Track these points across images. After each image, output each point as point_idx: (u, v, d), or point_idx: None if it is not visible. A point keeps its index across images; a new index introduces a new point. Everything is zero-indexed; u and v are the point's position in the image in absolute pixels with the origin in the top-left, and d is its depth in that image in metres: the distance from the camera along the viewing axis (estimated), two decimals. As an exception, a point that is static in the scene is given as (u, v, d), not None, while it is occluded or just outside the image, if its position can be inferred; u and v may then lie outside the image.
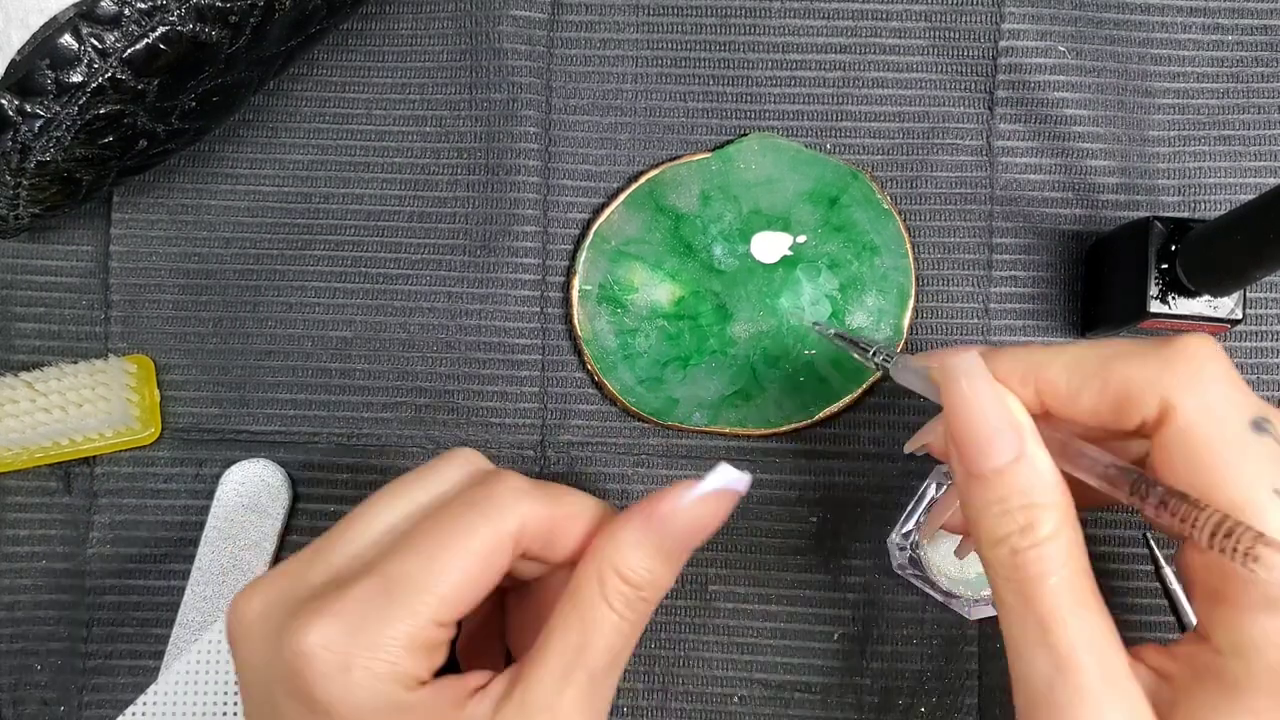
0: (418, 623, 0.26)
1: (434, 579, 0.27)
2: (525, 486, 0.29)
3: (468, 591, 0.27)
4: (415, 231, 0.41)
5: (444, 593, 0.27)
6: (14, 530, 0.41)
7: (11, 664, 0.40)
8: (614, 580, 0.28)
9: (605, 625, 0.28)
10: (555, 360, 0.41)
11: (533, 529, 0.29)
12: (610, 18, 0.41)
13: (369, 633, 0.26)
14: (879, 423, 0.40)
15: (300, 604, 0.27)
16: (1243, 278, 0.33)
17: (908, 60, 0.41)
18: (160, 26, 0.31)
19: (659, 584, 0.29)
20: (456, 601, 0.27)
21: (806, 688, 0.40)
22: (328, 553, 0.28)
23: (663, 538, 0.28)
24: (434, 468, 0.31)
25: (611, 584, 0.28)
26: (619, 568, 0.28)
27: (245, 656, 0.28)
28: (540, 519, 0.29)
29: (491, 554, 0.28)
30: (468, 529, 0.27)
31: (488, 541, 0.27)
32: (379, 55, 0.42)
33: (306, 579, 0.28)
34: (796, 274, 0.40)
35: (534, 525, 0.29)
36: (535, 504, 0.29)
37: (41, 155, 0.32)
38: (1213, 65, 0.41)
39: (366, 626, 0.26)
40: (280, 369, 0.41)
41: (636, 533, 0.28)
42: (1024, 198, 0.41)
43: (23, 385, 0.38)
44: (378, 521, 0.29)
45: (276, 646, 0.26)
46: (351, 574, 0.27)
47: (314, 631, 0.26)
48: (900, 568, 0.38)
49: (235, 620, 0.28)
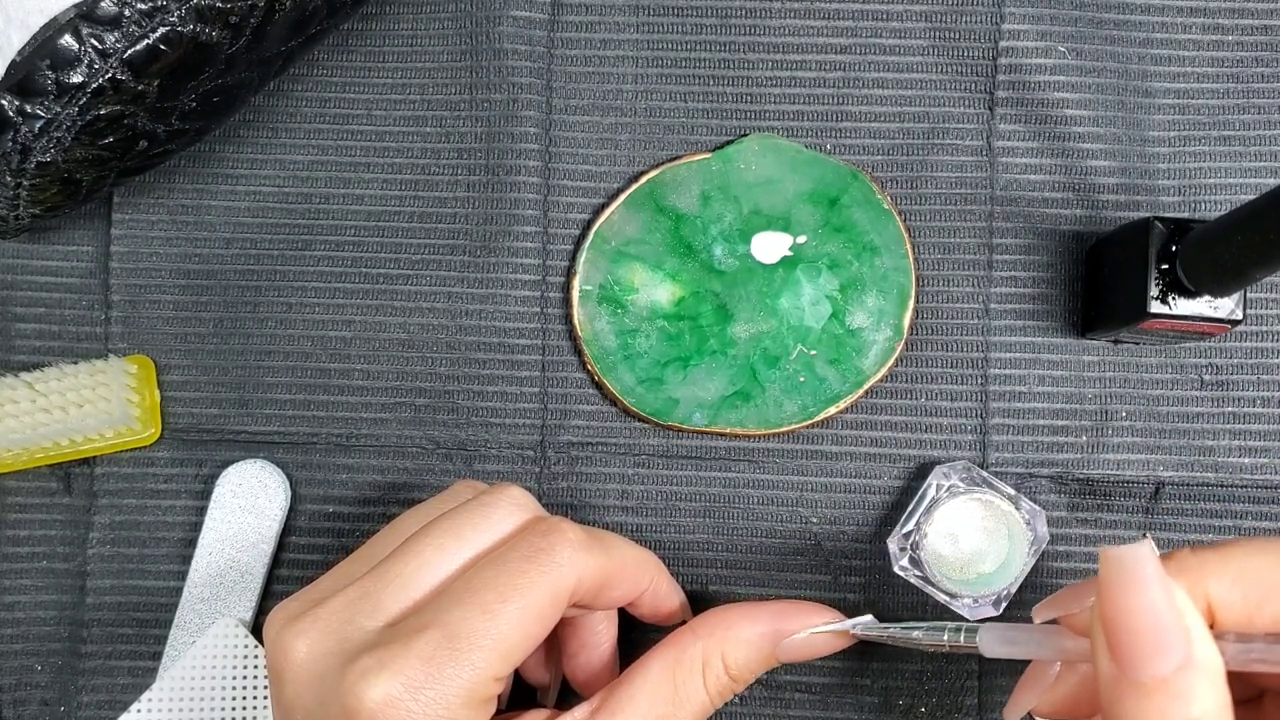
0: (479, 678, 0.26)
1: (495, 635, 0.27)
2: (582, 539, 0.29)
3: (525, 645, 0.28)
4: (415, 231, 0.41)
5: (504, 650, 0.27)
6: (14, 530, 0.41)
7: (11, 664, 0.40)
8: (718, 668, 0.30)
9: (694, 703, 0.29)
10: (555, 360, 0.41)
11: (589, 584, 0.29)
12: (610, 18, 0.41)
13: (432, 690, 0.26)
14: (879, 423, 0.40)
15: (357, 651, 0.27)
16: (1243, 278, 0.33)
17: (908, 60, 0.41)
18: (160, 27, 0.31)
19: (751, 680, 0.30)
20: (514, 656, 0.27)
21: (806, 688, 0.40)
22: (379, 595, 0.28)
23: (780, 652, 0.30)
24: (486, 510, 0.30)
25: (715, 670, 0.29)
26: (727, 659, 0.30)
27: (292, 697, 0.27)
28: (596, 574, 0.29)
29: (550, 609, 0.28)
30: (529, 585, 0.28)
31: (546, 598, 0.28)
32: (379, 55, 0.42)
33: (359, 623, 0.27)
34: (797, 274, 0.40)
35: (590, 580, 0.29)
36: (592, 558, 0.29)
37: (42, 156, 0.32)
38: (1213, 65, 0.41)
39: (430, 684, 0.26)
40: (280, 369, 0.41)
41: (758, 637, 0.30)
42: (1024, 198, 0.41)
43: (23, 385, 0.38)
44: (432, 568, 0.29)
45: (334, 693, 0.26)
46: (408, 624, 0.27)
47: (377, 687, 0.26)
48: (901, 568, 0.38)
49: (281, 657, 0.28)
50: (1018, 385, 0.40)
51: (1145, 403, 0.40)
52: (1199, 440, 0.40)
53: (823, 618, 0.32)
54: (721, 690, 0.30)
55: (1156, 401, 0.40)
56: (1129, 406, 0.40)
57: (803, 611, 0.31)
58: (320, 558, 0.41)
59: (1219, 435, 0.40)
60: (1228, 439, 0.40)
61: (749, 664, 0.30)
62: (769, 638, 0.30)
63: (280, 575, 0.41)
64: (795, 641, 0.30)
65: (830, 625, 0.32)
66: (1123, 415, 0.40)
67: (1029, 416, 0.40)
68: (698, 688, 0.30)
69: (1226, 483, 0.40)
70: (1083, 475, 0.40)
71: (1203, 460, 0.40)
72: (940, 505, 0.38)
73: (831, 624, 0.32)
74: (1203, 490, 0.40)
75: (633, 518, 0.40)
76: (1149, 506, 0.40)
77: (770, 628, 0.31)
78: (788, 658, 0.31)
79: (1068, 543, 0.40)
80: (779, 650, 0.31)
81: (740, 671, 0.30)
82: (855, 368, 0.40)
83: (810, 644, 0.31)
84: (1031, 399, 0.40)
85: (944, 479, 0.38)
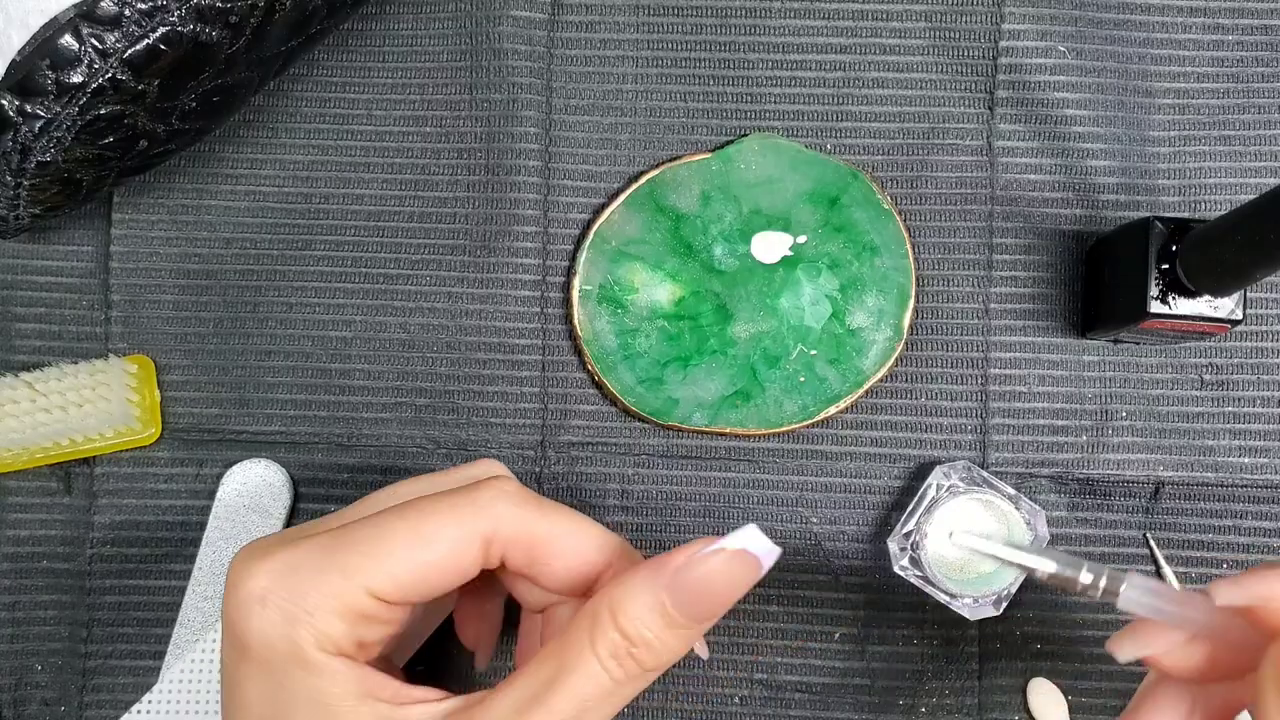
0: (347, 585, 0.25)
1: (377, 545, 0.26)
2: (515, 493, 0.28)
3: (416, 574, 0.26)
4: (415, 231, 0.41)
5: (387, 566, 0.26)
6: (14, 530, 0.41)
7: (11, 664, 0.40)
8: (606, 624, 0.25)
9: (582, 669, 0.25)
10: (555, 360, 0.41)
11: (508, 535, 0.27)
12: (610, 18, 0.41)
13: (297, 577, 0.25)
14: (879, 423, 0.40)
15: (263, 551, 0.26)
16: (1243, 278, 0.33)
17: (908, 60, 0.41)
18: (161, 27, 0.31)
19: (656, 646, 0.26)
20: (399, 580, 0.26)
21: (806, 688, 0.40)
22: (327, 520, 0.29)
23: (671, 592, 0.25)
24: (454, 469, 0.31)
25: (603, 627, 0.25)
26: (615, 612, 0.25)
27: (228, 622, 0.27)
28: (519, 528, 0.27)
29: (451, 546, 0.27)
30: (432, 512, 0.27)
31: (447, 527, 0.27)
32: (379, 55, 0.42)
33: (291, 535, 0.27)
34: (797, 274, 0.40)
35: (510, 532, 0.27)
36: (516, 510, 0.27)
37: (42, 156, 0.32)
38: (1213, 65, 0.41)
39: (298, 572, 0.25)
40: (280, 369, 0.41)
41: (643, 581, 0.26)
42: (1024, 198, 0.41)
43: (23, 385, 0.38)
44: (375, 501, 0.29)
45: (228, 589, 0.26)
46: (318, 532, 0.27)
47: (255, 575, 0.25)
48: (901, 568, 0.38)
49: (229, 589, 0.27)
50: (1018, 385, 0.40)
51: (1145, 403, 0.40)
52: (1199, 440, 0.40)
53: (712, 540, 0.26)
54: (616, 652, 0.25)
55: (1156, 401, 0.40)
56: (1129, 406, 0.40)
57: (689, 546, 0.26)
58: (320, 557, 0.41)
59: (1219, 435, 0.40)
60: (1228, 439, 0.40)
61: (640, 616, 0.25)
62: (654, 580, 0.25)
63: (280, 575, 0.41)
64: (684, 578, 0.25)
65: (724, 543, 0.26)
66: (1123, 415, 0.40)
67: (1029, 416, 0.40)
68: (583, 652, 0.25)
69: (1226, 483, 0.40)
70: (1083, 475, 0.40)
71: (1203, 460, 0.40)
72: (940, 505, 0.38)
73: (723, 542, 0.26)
74: (1203, 490, 0.40)
75: (633, 517, 0.40)
76: (1149, 506, 0.40)
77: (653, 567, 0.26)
78: (683, 599, 0.25)
79: (1068, 543, 0.40)
80: (669, 589, 0.25)
81: (632, 626, 0.25)
82: (855, 368, 0.40)
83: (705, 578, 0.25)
84: (1031, 399, 0.40)
85: (944, 479, 0.38)
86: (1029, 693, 0.39)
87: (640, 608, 0.25)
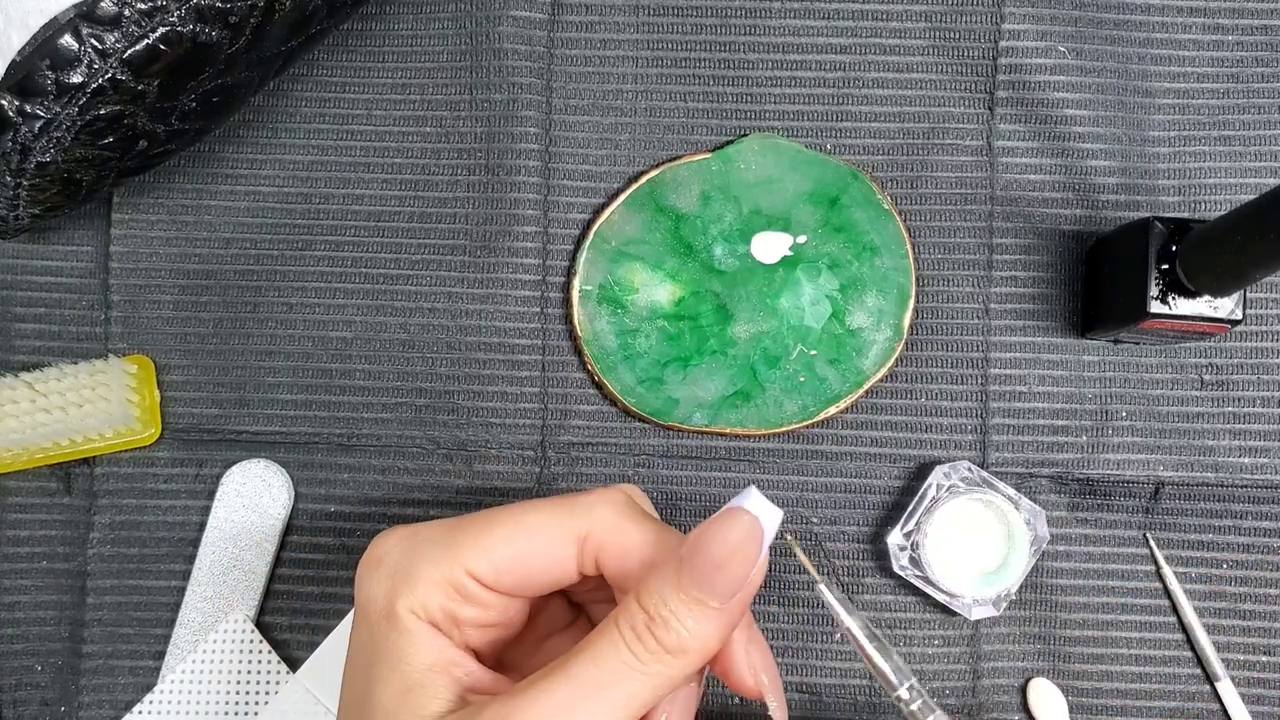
0: (450, 562, 0.27)
1: (484, 535, 0.28)
2: (617, 500, 0.29)
3: (512, 560, 0.28)
4: (415, 231, 0.41)
5: (487, 550, 0.27)
6: (14, 530, 0.41)
7: (11, 664, 0.40)
8: (630, 600, 0.26)
9: (609, 661, 0.25)
10: (555, 360, 0.41)
11: (602, 538, 0.28)
12: (610, 18, 0.41)
13: (412, 549, 0.28)
14: (879, 423, 0.40)
15: None
16: (1243, 278, 0.33)
17: (908, 60, 0.41)
18: (160, 27, 0.31)
19: (673, 624, 0.26)
20: (496, 564, 0.28)
21: (807, 688, 0.40)
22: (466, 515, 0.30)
23: (679, 562, 0.26)
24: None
25: (628, 603, 0.26)
26: (639, 590, 0.26)
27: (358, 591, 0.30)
28: (614, 532, 0.28)
29: (547, 539, 0.28)
30: (535, 510, 0.29)
31: (546, 526, 0.28)
32: (379, 55, 0.42)
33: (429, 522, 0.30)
34: (797, 274, 0.40)
35: (604, 535, 0.28)
36: (614, 515, 0.28)
37: (41, 156, 0.32)
38: (1213, 65, 0.41)
39: (415, 546, 0.28)
40: (280, 369, 0.41)
41: (665, 559, 0.27)
42: (1024, 198, 0.41)
43: (23, 385, 0.38)
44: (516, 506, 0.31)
45: None
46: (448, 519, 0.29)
47: (383, 543, 0.29)
48: (901, 568, 0.38)
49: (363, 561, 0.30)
50: (1018, 385, 0.40)
51: (1145, 403, 0.40)
52: (1199, 440, 0.40)
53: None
54: (635, 628, 0.26)
55: (1156, 401, 0.40)
56: (1129, 406, 0.40)
57: (708, 524, 0.27)
58: (322, 557, 0.41)
59: (1219, 435, 0.40)
60: (1228, 439, 0.40)
61: (657, 591, 0.26)
62: (666, 549, 0.27)
63: (282, 574, 0.41)
64: (688, 546, 0.26)
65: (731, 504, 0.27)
66: (1123, 415, 0.40)
67: (1029, 416, 0.40)
68: (609, 623, 0.26)
69: (1226, 483, 0.40)
70: (1083, 475, 0.40)
71: (1203, 460, 0.40)
72: (940, 505, 0.38)
73: (730, 504, 0.27)
74: (1203, 490, 0.40)
75: (633, 518, 0.40)
76: (1149, 506, 0.40)
77: (673, 545, 0.27)
78: (688, 567, 0.26)
79: (1068, 543, 0.40)
80: (683, 556, 0.26)
81: (649, 600, 0.26)
82: (855, 368, 0.40)
83: (703, 540, 0.26)
84: (1031, 399, 0.40)
85: (944, 479, 0.38)
86: (1029, 693, 0.39)
87: (658, 582, 0.26)
